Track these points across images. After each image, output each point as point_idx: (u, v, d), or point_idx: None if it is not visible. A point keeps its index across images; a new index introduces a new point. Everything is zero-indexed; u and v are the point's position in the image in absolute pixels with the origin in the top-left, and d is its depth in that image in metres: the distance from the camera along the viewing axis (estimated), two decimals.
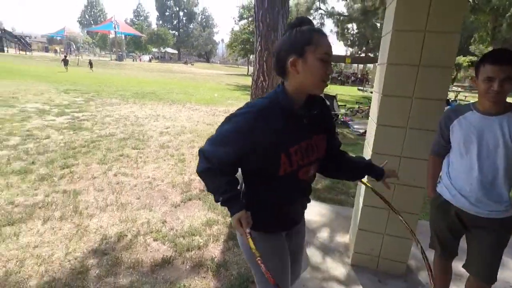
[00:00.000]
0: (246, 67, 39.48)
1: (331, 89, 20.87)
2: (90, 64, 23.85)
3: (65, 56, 23.20)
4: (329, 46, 0.96)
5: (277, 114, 0.99)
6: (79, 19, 74.10)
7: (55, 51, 45.05)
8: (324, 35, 0.97)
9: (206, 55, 74.82)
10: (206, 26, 73.98)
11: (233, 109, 1.24)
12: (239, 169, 1.13)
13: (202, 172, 1.07)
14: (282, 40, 1.00)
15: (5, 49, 38.06)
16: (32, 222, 2.60)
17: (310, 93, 1.04)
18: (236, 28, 25.73)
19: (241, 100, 11.30)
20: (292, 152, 1.01)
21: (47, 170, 3.70)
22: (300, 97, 1.04)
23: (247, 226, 1.03)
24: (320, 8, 17.75)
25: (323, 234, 2.70)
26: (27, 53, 38.72)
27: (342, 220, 2.93)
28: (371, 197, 2.08)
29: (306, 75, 0.96)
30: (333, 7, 18.78)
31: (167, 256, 2.28)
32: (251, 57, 24.71)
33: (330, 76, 1.00)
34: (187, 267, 2.19)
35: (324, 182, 4.00)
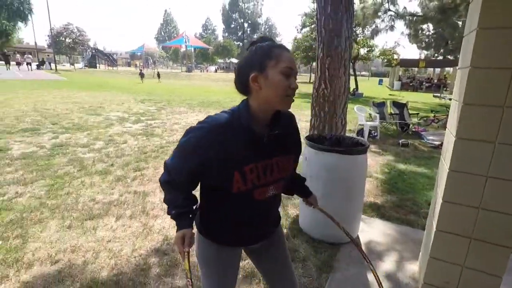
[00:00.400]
0: (308, 74, 39.04)
1: (401, 95, 19.33)
2: (158, 75, 26.63)
3: (141, 70, 26.30)
4: (290, 60, 0.94)
5: (236, 131, 0.96)
6: (156, 36, 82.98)
7: (136, 66, 51.11)
8: (285, 50, 0.95)
9: None
10: (270, 35, 75.80)
11: None
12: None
13: (162, 183, 1.09)
14: (243, 58, 0.99)
15: (97, 65, 44.72)
16: (107, 218, 2.91)
17: (276, 108, 1.01)
18: (299, 36, 25.59)
19: (301, 107, 11.15)
20: (247, 171, 0.98)
21: (123, 172, 4.13)
22: (265, 114, 1.01)
23: (188, 245, 1.02)
24: (389, 10, 16.50)
25: (388, 258, 2.44)
26: (114, 68, 45.04)
27: (411, 243, 2.62)
28: (448, 221, 1.80)
29: (269, 90, 0.93)
30: (404, 7, 17.26)
31: None
32: (313, 64, 24.29)
33: (296, 91, 0.95)
34: (240, 276, 2.18)
35: (390, 199, 3.65)
